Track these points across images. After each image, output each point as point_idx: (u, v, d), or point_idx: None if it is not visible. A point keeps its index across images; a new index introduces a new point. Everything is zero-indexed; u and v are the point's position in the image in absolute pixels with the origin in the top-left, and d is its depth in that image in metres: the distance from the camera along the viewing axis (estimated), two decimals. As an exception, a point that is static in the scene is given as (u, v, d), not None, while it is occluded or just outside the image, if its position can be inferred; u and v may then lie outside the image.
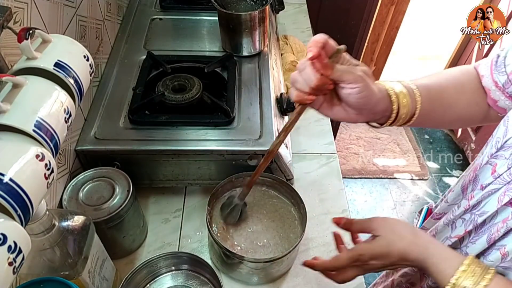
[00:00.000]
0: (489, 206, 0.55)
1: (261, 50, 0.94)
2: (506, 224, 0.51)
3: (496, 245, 0.54)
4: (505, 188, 0.53)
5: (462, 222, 0.61)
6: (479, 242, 0.56)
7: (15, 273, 0.33)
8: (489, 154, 0.58)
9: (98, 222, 0.61)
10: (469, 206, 0.59)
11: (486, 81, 0.60)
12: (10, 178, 0.34)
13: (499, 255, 0.52)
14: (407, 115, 0.56)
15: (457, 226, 0.62)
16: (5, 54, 0.51)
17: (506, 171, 0.53)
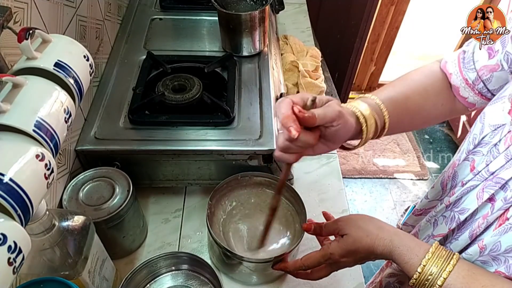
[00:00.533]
0: (469, 203, 0.57)
1: (261, 50, 0.94)
2: (486, 220, 0.53)
3: (476, 240, 0.55)
4: (483, 184, 0.54)
5: (443, 220, 0.62)
6: (461, 238, 0.57)
7: (15, 273, 0.33)
8: (467, 151, 0.59)
9: (98, 222, 0.61)
10: (449, 203, 0.61)
11: (454, 79, 0.61)
12: (10, 178, 0.34)
13: (477, 248, 0.54)
14: (376, 133, 0.59)
15: (439, 224, 0.63)
16: (5, 54, 0.51)
17: (484, 167, 0.54)
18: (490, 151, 0.55)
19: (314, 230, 0.62)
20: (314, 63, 1.07)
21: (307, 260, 0.60)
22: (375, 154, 2.23)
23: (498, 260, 0.52)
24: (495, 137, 0.55)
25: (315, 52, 1.11)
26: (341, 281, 0.71)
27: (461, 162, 0.61)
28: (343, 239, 0.56)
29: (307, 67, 1.04)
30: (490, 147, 0.55)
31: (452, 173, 0.63)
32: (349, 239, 0.55)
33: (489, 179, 0.54)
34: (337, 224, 0.58)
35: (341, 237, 0.56)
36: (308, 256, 0.60)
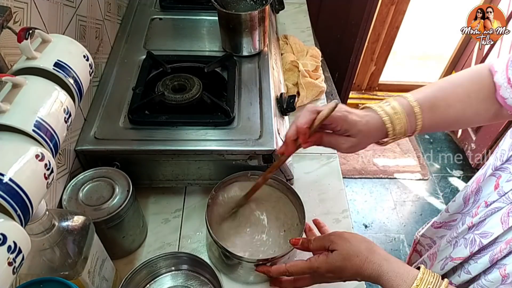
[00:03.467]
0: (492, 226, 0.55)
1: (261, 50, 0.94)
2: (509, 245, 0.51)
3: (498, 264, 0.54)
4: (508, 208, 0.52)
5: (463, 242, 0.60)
6: (481, 261, 0.56)
7: (15, 273, 0.33)
8: (493, 166, 0.58)
9: (98, 222, 0.61)
10: (472, 224, 0.59)
11: (498, 77, 0.59)
12: (10, 178, 0.34)
13: (499, 276, 0.52)
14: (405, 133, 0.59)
15: (458, 246, 0.61)
16: (5, 54, 0.51)
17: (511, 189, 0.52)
18: None
19: (301, 244, 0.61)
20: (314, 63, 1.07)
21: (292, 267, 0.60)
22: (375, 154, 2.23)
23: None
24: None
25: (315, 52, 1.11)
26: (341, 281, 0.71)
27: (486, 178, 0.59)
28: (332, 255, 0.55)
29: (307, 67, 1.04)
30: None
31: (476, 188, 0.62)
32: (338, 256, 0.55)
33: None
34: (327, 239, 0.57)
35: (330, 252, 0.56)
36: (294, 264, 0.60)
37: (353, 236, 0.57)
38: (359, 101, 2.35)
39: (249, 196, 0.70)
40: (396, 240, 1.87)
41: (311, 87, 1.02)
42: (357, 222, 1.94)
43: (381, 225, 1.93)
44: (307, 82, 1.01)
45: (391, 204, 2.02)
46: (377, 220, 1.95)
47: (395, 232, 1.90)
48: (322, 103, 1.05)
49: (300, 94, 1.01)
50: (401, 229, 1.91)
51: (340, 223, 0.80)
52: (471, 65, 2.11)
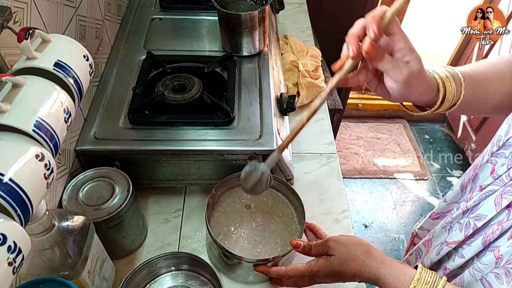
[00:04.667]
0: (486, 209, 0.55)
1: (261, 50, 0.94)
2: (501, 226, 0.52)
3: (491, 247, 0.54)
4: (502, 190, 0.53)
5: (457, 226, 0.61)
6: (474, 244, 0.56)
7: (15, 273, 0.33)
8: (489, 152, 0.58)
9: (98, 222, 0.61)
10: (466, 208, 0.59)
11: None
12: (10, 178, 0.34)
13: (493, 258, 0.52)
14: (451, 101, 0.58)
15: (453, 230, 0.62)
16: (5, 54, 0.51)
17: (506, 172, 0.53)
18: None
19: (303, 248, 0.62)
20: (314, 63, 1.07)
21: (291, 271, 0.60)
22: (375, 154, 2.23)
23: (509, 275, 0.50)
24: None
25: (315, 52, 1.11)
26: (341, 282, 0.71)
27: (483, 164, 0.60)
28: (331, 259, 0.56)
29: (307, 67, 1.04)
30: None
31: (473, 175, 0.62)
32: (336, 261, 0.56)
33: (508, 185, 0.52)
34: (326, 244, 0.58)
35: (329, 257, 0.57)
36: (294, 268, 0.60)
37: (349, 240, 0.57)
38: (359, 101, 2.35)
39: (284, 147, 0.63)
40: (396, 240, 1.87)
41: (311, 87, 1.02)
42: (357, 222, 1.94)
43: (381, 225, 1.93)
44: (307, 82, 1.01)
45: (391, 204, 2.02)
46: (377, 220, 1.95)
47: (395, 232, 1.90)
48: (322, 103, 1.05)
49: (300, 94, 1.01)
50: (401, 229, 1.91)
51: (340, 223, 0.80)
52: (471, 65, 2.11)
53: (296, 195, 0.71)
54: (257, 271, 0.64)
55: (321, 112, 1.03)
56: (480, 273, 0.55)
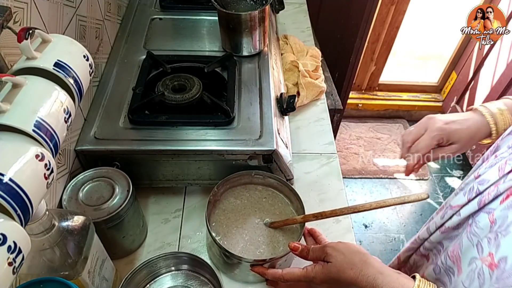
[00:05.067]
0: (491, 173, 0.57)
1: (261, 50, 0.94)
2: (497, 188, 0.53)
3: (485, 208, 0.55)
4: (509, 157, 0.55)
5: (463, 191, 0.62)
6: (471, 203, 0.58)
7: (15, 273, 0.33)
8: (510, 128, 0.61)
9: (98, 222, 0.61)
10: (478, 175, 0.61)
11: None
12: (10, 178, 0.34)
13: (488, 222, 0.53)
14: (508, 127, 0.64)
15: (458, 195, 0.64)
16: (5, 54, 0.51)
17: None
18: None
19: (301, 252, 0.62)
20: (314, 63, 1.07)
21: (287, 275, 0.60)
22: (375, 154, 2.23)
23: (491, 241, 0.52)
24: None
25: (315, 52, 1.11)
26: None
27: (505, 137, 0.61)
28: (327, 266, 0.56)
29: (307, 67, 1.04)
30: None
31: (495, 147, 0.64)
32: (333, 268, 0.55)
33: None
34: (324, 250, 0.58)
35: (326, 263, 0.56)
36: (290, 271, 0.60)
37: (347, 248, 0.57)
38: (359, 101, 2.35)
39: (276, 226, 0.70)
40: (396, 240, 1.87)
41: (311, 87, 1.02)
42: (357, 222, 1.94)
43: (381, 225, 1.93)
44: (307, 82, 1.01)
45: (391, 204, 2.02)
46: (377, 220, 1.95)
47: (395, 232, 1.90)
48: (322, 103, 1.05)
49: (300, 94, 1.01)
50: (401, 229, 1.91)
51: (340, 223, 0.80)
52: (471, 65, 2.11)
53: (297, 196, 0.71)
54: (254, 271, 0.64)
55: (321, 112, 1.03)
56: (476, 237, 0.56)
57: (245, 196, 0.75)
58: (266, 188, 0.77)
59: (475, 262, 0.53)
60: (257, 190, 0.76)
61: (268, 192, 0.76)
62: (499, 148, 0.62)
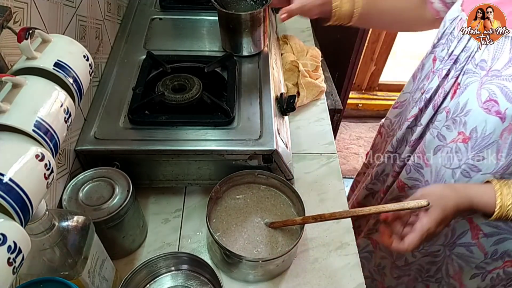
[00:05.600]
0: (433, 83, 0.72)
1: (261, 50, 0.94)
2: (443, 88, 0.69)
3: (440, 109, 0.71)
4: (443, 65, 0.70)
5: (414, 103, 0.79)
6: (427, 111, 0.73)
7: (14, 273, 0.33)
8: (432, 45, 0.76)
9: (98, 222, 0.61)
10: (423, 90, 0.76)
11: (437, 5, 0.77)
12: (10, 178, 0.34)
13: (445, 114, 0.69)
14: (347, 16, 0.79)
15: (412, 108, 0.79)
16: (5, 54, 0.51)
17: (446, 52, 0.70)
18: (448, 38, 0.71)
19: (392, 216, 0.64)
20: (314, 63, 1.07)
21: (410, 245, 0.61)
22: (375, 154, 2.22)
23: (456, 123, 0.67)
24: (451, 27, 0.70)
25: (315, 52, 1.11)
26: (341, 281, 0.71)
27: (427, 55, 0.77)
28: (431, 212, 0.60)
29: (307, 67, 1.04)
30: (448, 36, 0.71)
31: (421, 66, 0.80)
32: (437, 210, 0.60)
33: (447, 60, 0.69)
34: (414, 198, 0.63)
35: (426, 212, 0.61)
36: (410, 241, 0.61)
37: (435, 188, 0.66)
38: (359, 101, 2.35)
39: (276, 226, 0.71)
40: (396, 240, 1.87)
41: (311, 87, 1.02)
42: (357, 222, 1.93)
43: (381, 225, 1.92)
44: (307, 82, 1.01)
45: (391, 204, 2.02)
46: (377, 220, 1.94)
47: (395, 232, 1.90)
48: (322, 103, 1.05)
49: (300, 94, 1.01)
50: (401, 229, 1.91)
51: (340, 223, 0.80)
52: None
53: (299, 198, 0.71)
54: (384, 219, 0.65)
55: (321, 112, 1.03)
56: (436, 130, 0.72)
57: (247, 195, 0.75)
58: (268, 188, 0.77)
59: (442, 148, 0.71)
60: (259, 189, 0.76)
61: (271, 192, 0.76)
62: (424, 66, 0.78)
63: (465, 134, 0.66)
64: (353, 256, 0.74)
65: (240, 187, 0.76)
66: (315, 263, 0.73)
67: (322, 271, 0.72)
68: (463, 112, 0.65)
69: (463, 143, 0.67)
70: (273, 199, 0.75)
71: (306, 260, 0.74)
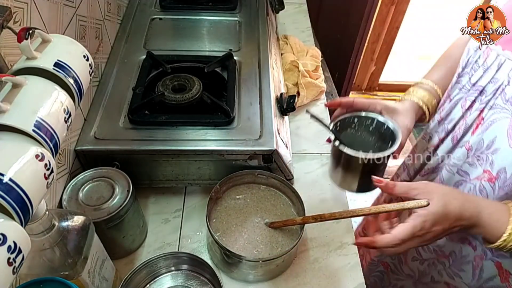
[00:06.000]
0: (455, 113, 0.69)
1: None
2: (465, 121, 0.64)
3: (460, 143, 0.66)
4: (466, 95, 0.67)
5: (435, 134, 0.74)
6: (446, 142, 0.69)
7: (15, 273, 0.33)
8: (457, 75, 0.71)
9: (98, 222, 0.61)
10: (441, 118, 0.72)
11: None
12: (10, 178, 0.34)
13: (465, 150, 0.64)
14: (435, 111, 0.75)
15: (432, 138, 0.75)
16: (5, 54, 0.51)
17: (467, 81, 0.66)
18: (472, 67, 0.67)
19: (386, 185, 0.57)
20: (314, 63, 1.07)
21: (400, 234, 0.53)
22: (375, 154, 2.22)
23: (481, 160, 0.61)
24: (476, 55, 0.67)
25: (315, 52, 1.11)
26: (341, 281, 0.71)
27: (453, 85, 0.72)
28: (433, 205, 0.52)
29: (307, 67, 1.04)
30: (472, 64, 0.67)
31: (446, 96, 0.74)
32: (439, 203, 0.52)
33: (471, 90, 0.65)
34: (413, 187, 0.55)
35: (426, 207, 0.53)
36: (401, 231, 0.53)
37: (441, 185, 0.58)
38: (359, 101, 2.35)
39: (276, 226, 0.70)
40: (396, 240, 1.87)
41: (311, 87, 1.02)
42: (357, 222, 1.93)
43: (381, 225, 1.92)
44: (307, 82, 1.01)
45: (391, 204, 2.02)
46: (377, 220, 1.94)
47: (395, 232, 1.90)
48: (322, 103, 1.05)
49: (300, 94, 1.01)
50: (401, 229, 1.91)
51: (340, 223, 0.80)
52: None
53: (299, 198, 0.71)
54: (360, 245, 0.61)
55: (321, 112, 1.03)
56: (455, 167, 0.66)
57: (247, 195, 0.75)
58: (268, 188, 0.77)
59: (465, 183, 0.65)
60: (260, 189, 0.76)
61: (271, 192, 0.76)
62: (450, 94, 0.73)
63: (491, 173, 0.60)
64: (353, 256, 0.74)
65: (240, 187, 0.76)
66: (315, 263, 0.73)
67: (322, 271, 0.72)
68: (490, 150, 0.60)
69: (489, 182, 0.60)
70: (273, 199, 0.75)
71: (306, 260, 0.74)
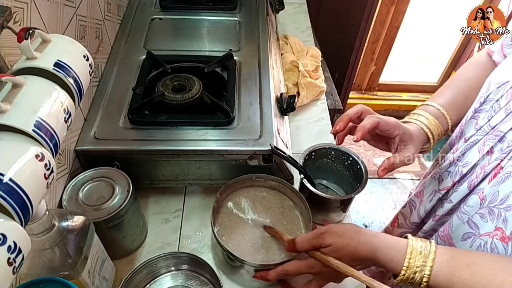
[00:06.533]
0: (471, 156, 0.62)
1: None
2: (483, 170, 0.58)
3: (475, 190, 0.60)
4: (484, 138, 0.59)
5: (448, 175, 0.67)
6: (461, 188, 0.62)
7: (15, 273, 0.33)
8: (473, 109, 0.65)
9: (98, 222, 0.61)
10: (453, 159, 0.66)
11: (496, 56, 0.66)
12: (10, 178, 0.34)
13: (478, 199, 0.58)
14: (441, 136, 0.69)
15: (444, 179, 0.68)
16: (5, 54, 0.51)
17: (486, 122, 0.59)
18: (492, 106, 0.59)
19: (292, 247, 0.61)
20: (314, 63, 1.07)
21: (289, 265, 0.60)
22: (375, 154, 2.22)
23: (493, 214, 0.55)
24: (498, 94, 0.59)
25: (315, 52, 1.11)
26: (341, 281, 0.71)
27: (468, 121, 0.66)
28: (327, 250, 0.56)
29: (307, 67, 1.04)
30: (493, 103, 0.59)
31: (460, 132, 0.68)
32: (333, 249, 0.56)
33: (490, 133, 0.58)
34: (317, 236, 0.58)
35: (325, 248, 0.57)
36: (291, 263, 0.60)
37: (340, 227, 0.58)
38: (359, 101, 2.35)
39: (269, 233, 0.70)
40: (396, 240, 1.87)
41: (311, 87, 1.02)
42: (357, 222, 1.94)
43: (381, 225, 1.93)
44: (307, 82, 1.01)
45: (391, 204, 2.02)
46: (377, 220, 1.95)
47: (395, 232, 1.90)
48: (322, 103, 1.05)
49: (300, 94, 1.01)
50: (401, 229, 1.91)
51: (340, 223, 0.80)
52: (471, 65, 2.11)
53: (301, 197, 0.71)
54: (256, 278, 0.64)
55: (321, 112, 1.03)
56: (466, 215, 0.60)
57: (247, 199, 0.75)
58: (268, 191, 0.76)
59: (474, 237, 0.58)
60: (260, 193, 0.76)
61: (271, 194, 0.76)
62: (464, 133, 0.67)
63: (504, 232, 0.53)
64: (353, 256, 0.74)
65: (240, 192, 0.76)
66: (315, 263, 0.73)
67: (322, 271, 0.72)
68: (504, 206, 0.53)
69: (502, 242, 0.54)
70: (274, 201, 0.75)
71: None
